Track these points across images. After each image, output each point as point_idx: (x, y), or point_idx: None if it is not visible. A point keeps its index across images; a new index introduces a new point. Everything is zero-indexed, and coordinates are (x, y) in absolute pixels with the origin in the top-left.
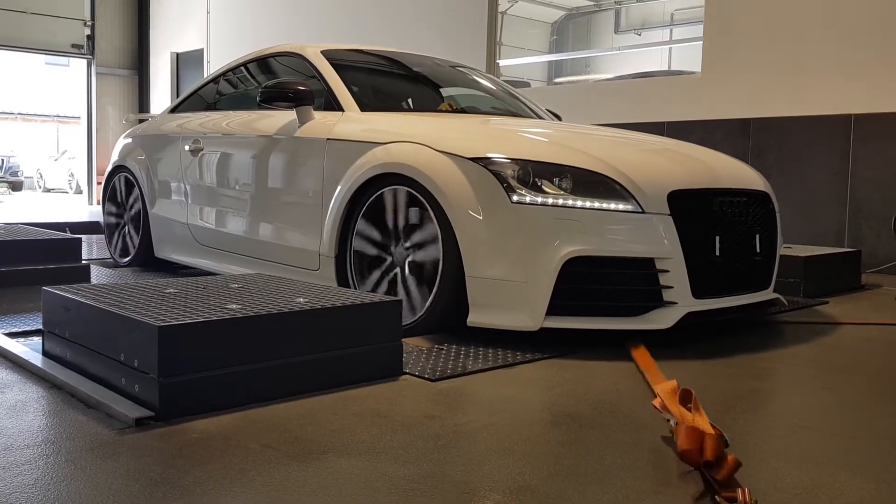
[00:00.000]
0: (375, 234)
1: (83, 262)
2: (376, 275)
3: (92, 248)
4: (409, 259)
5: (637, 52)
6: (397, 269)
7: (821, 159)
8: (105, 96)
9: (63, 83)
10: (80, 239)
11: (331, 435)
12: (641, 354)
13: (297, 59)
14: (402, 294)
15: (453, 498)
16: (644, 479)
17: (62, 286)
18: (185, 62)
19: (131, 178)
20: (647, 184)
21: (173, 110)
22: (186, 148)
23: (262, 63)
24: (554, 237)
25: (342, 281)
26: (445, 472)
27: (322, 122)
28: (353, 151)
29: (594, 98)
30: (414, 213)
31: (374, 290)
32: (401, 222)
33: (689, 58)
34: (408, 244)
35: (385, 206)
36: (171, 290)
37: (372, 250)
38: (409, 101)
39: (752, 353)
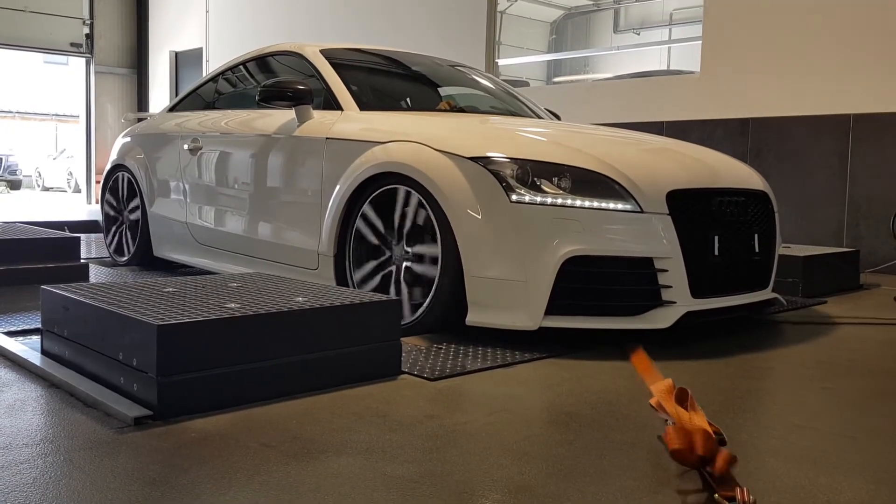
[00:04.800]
0: (374, 234)
1: (82, 261)
2: (376, 274)
3: (91, 247)
4: (408, 258)
5: (636, 51)
6: (396, 268)
7: (819, 159)
8: (104, 95)
9: (62, 82)
10: (79, 238)
11: (329, 434)
12: (639, 357)
13: (296, 59)
14: (401, 293)
15: (452, 497)
16: (643, 479)
17: (61, 285)
18: (184, 61)
19: (130, 177)
20: (646, 183)
21: (172, 109)
22: (185, 147)
23: (261, 62)
24: (553, 237)
25: (341, 280)
26: (444, 471)
27: (321, 122)
28: (352, 150)
29: (593, 97)
30: (412, 212)
31: (373, 289)
32: (399, 221)
33: (687, 57)
34: (407, 243)
35: (384, 205)
36: (170, 289)
37: (371, 251)
38: (409, 100)
39: (751, 353)
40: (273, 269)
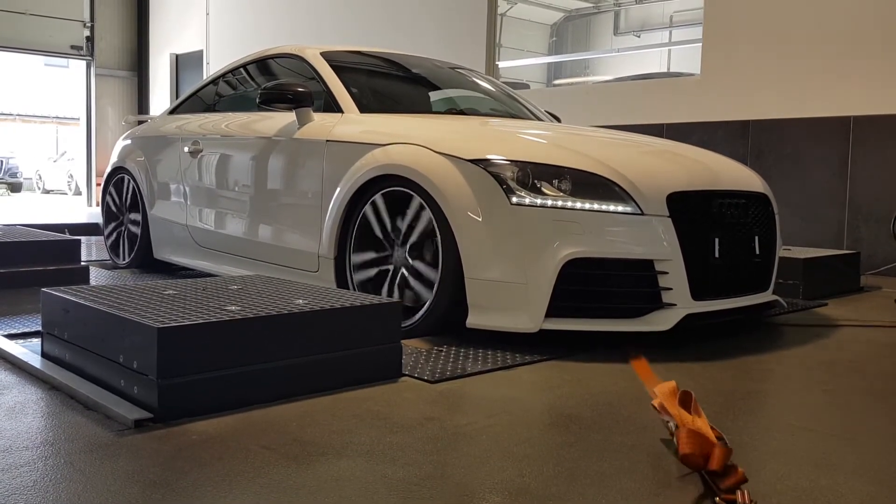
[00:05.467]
0: (375, 236)
1: (82, 263)
2: (376, 277)
3: (91, 249)
4: (409, 261)
5: (636, 53)
6: (397, 271)
7: (820, 161)
8: (104, 97)
9: (62, 84)
10: (79, 240)
11: (330, 436)
12: (640, 365)
13: (296, 61)
14: (402, 295)
15: (452, 500)
16: (644, 482)
17: (61, 288)
18: (184, 63)
19: (130, 179)
20: (646, 185)
21: (173, 112)
22: (186, 149)
23: (262, 64)
24: (553, 239)
25: (341, 283)
26: (445, 473)
27: (321, 124)
28: (353, 153)
29: (593, 100)
30: (413, 214)
31: (373, 291)
32: (400, 224)
33: (688, 59)
34: (407, 246)
35: (385, 207)
36: (171, 292)
37: (371, 252)
38: (409, 102)
39: (751, 355)
40: (273, 271)
